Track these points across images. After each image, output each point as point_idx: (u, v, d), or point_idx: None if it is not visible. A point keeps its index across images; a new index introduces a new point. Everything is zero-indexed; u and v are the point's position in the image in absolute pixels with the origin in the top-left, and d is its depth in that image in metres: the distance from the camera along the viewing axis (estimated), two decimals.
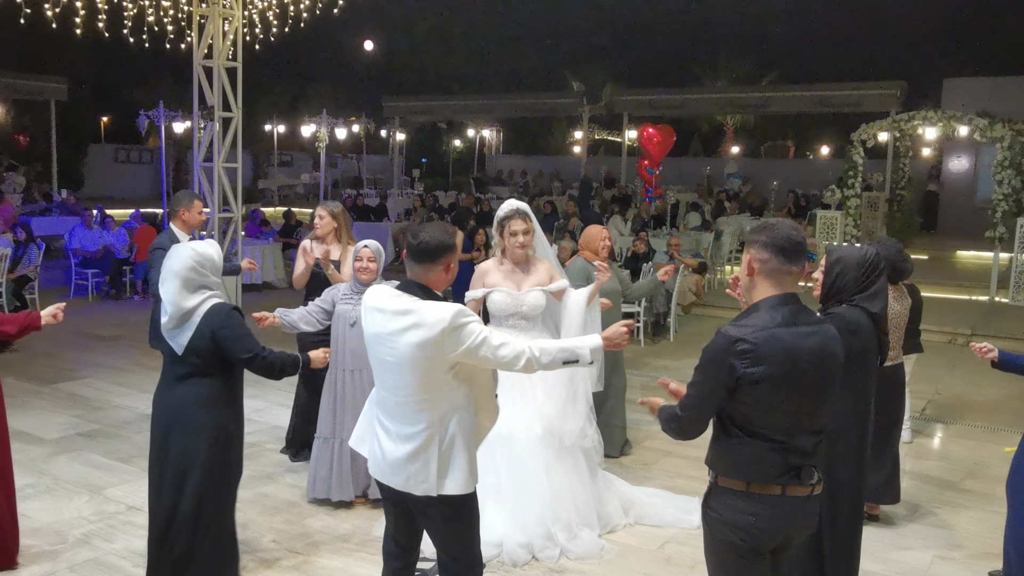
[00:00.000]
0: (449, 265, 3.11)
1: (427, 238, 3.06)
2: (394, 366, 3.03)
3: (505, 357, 3.00)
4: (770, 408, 2.64)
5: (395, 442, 3.08)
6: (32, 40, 19.77)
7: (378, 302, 3.11)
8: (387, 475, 3.11)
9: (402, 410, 3.06)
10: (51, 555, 4.44)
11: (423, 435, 3.04)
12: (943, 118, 13.87)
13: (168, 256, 3.68)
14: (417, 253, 3.06)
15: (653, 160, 17.70)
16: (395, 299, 3.05)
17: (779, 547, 2.78)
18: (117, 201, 21.88)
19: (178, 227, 5.85)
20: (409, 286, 3.07)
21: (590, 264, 5.55)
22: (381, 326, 3.05)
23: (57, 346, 8.96)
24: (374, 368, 3.16)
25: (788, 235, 2.70)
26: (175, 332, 3.66)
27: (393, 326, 3.00)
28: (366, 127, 27.70)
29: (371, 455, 3.22)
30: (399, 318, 3.00)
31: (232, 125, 9.45)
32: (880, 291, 3.63)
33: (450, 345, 2.93)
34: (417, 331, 2.94)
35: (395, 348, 3.00)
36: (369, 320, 3.13)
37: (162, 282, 3.66)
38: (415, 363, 2.97)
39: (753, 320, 2.67)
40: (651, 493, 5.30)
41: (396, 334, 2.99)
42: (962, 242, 17.39)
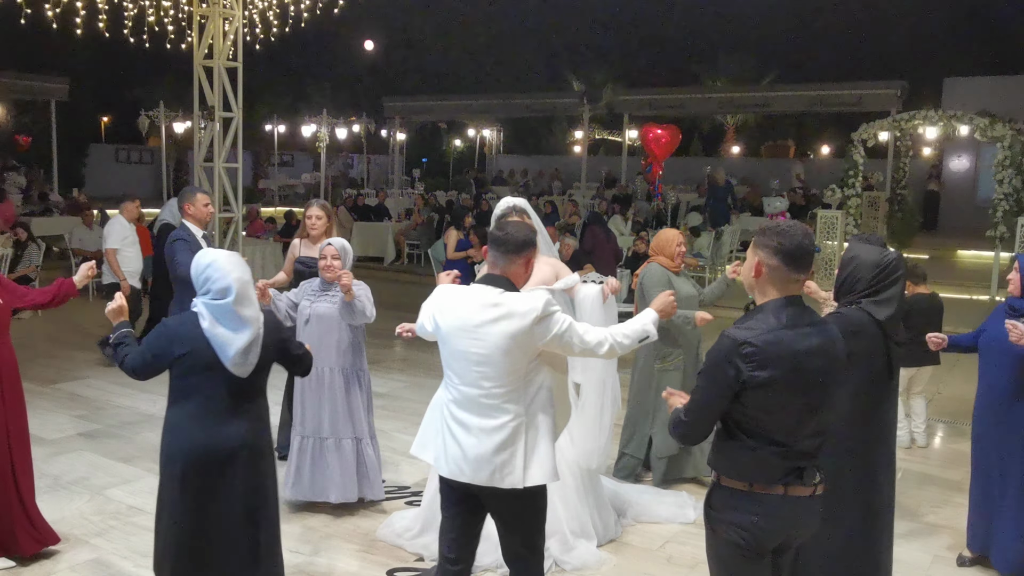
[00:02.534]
0: (530, 260, 3.23)
1: (514, 231, 3.20)
2: (483, 358, 3.08)
3: (590, 343, 3.14)
4: (774, 410, 2.64)
5: (479, 437, 3.11)
6: (32, 40, 19.78)
7: (461, 297, 3.17)
8: (469, 473, 3.12)
9: (487, 403, 3.11)
10: (51, 555, 4.43)
11: (509, 427, 3.11)
12: (943, 118, 13.86)
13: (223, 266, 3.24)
14: (503, 245, 3.16)
15: (658, 160, 17.71)
16: (482, 293, 3.13)
17: (780, 547, 2.78)
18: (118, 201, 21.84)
19: (190, 223, 5.86)
20: (494, 279, 3.17)
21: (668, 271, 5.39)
22: (466, 319, 3.11)
23: (58, 346, 8.97)
24: (454, 365, 3.17)
25: (800, 243, 2.67)
26: (245, 354, 3.22)
27: (481, 317, 3.08)
28: (366, 127, 27.71)
29: (444, 457, 3.20)
30: (489, 310, 3.08)
31: (232, 125, 9.44)
32: (892, 298, 3.42)
33: (540, 333, 3.06)
34: (509, 321, 3.04)
35: (485, 339, 3.06)
36: (451, 315, 3.16)
37: (237, 300, 3.20)
38: (506, 353, 3.05)
39: (757, 323, 2.66)
40: (641, 490, 5.31)
41: (485, 325, 3.06)
42: (962, 241, 17.39)
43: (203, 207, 5.86)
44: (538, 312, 3.04)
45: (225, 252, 3.36)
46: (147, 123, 23.07)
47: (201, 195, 5.91)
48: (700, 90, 25.88)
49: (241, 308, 3.22)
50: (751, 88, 25.13)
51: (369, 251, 16.24)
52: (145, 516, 4.93)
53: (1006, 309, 4.37)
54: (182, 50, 10.42)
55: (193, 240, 5.75)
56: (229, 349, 3.19)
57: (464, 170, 31.99)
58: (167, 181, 22.70)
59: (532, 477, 3.13)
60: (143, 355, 3.29)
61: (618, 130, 26.29)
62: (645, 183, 22.69)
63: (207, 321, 3.20)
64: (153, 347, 3.28)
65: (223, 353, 3.20)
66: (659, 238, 5.58)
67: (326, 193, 24.22)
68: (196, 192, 5.91)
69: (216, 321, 3.21)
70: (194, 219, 5.84)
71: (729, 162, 28.16)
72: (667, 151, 17.46)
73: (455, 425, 3.17)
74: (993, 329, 4.36)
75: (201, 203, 5.85)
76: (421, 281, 13.75)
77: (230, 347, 3.19)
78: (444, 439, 3.21)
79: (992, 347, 4.35)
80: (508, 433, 3.10)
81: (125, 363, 3.34)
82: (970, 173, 21.58)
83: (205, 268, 3.27)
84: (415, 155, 33.33)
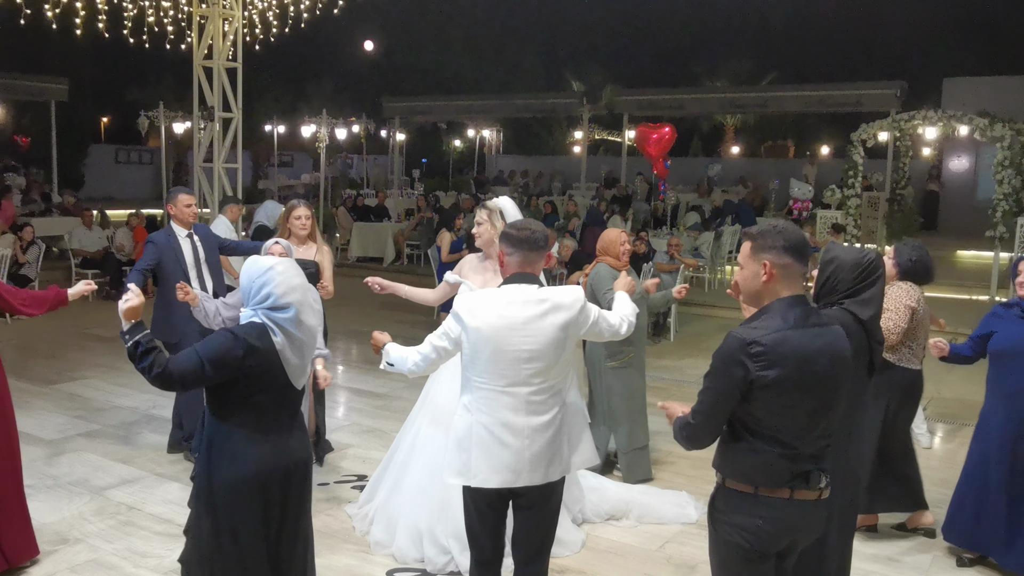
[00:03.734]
0: (550, 256, 3.35)
1: (537, 228, 3.29)
2: (535, 354, 3.10)
3: (615, 325, 3.36)
4: (781, 411, 2.62)
5: (531, 437, 3.12)
6: (32, 40, 19.78)
7: (493, 299, 3.18)
8: (524, 476, 3.12)
9: (538, 399, 3.14)
10: (51, 555, 4.43)
11: (557, 419, 3.17)
12: (943, 118, 13.86)
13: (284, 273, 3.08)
14: (533, 243, 3.23)
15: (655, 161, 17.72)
16: (522, 291, 3.17)
17: (785, 551, 2.77)
18: (118, 202, 21.88)
19: (175, 223, 5.89)
20: (525, 277, 3.22)
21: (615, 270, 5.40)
22: (512, 318, 3.11)
23: (57, 346, 8.96)
24: (498, 368, 3.10)
25: (801, 237, 2.72)
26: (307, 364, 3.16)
27: (529, 313, 3.11)
28: (366, 127, 27.70)
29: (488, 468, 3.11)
30: (536, 305, 3.13)
31: (232, 125, 9.45)
32: (874, 298, 3.40)
33: (583, 321, 3.20)
34: (559, 313, 3.13)
35: (536, 335, 3.10)
36: (493, 317, 3.12)
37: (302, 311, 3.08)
38: (558, 345, 3.13)
39: (765, 322, 2.64)
40: (644, 491, 5.31)
41: (535, 320, 3.11)
42: (962, 242, 17.39)
43: (184, 208, 5.85)
44: (581, 302, 3.18)
45: (283, 259, 3.15)
46: (147, 124, 23.02)
47: (183, 196, 5.90)
48: (700, 90, 25.88)
49: (305, 318, 3.10)
50: (751, 88, 25.12)
51: (369, 252, 16.23)
52: (146, 516, 4.93)
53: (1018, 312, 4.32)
54: (182, 51, 10.43)
55: (166, 243, 5.78)
56: (297, 364, 3.08)
57: (464, 171, 31.99)
58: (167, 182, 22.66)
59: (576, 463, 3.25)
60: (199, 365, 2.92)
61: (618, 130, 26.28)
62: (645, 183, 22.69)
63: (280, 337, 3.02)
64: (217, 358, 2.93)
65: (294, 369, 3.07)
66: (604, 239, 5.62)
67: (325, 193, 24.23)
68: (178, 193, 5.92)
69: (292, 334, 3.04)
70: (178, 220, 5.87)
71: (729, 162, 28.17)
72: (663, 150, 17.45)
73: (502, 431, 3.12)
74: (1008, 332, 4.30)
75: (182, 204, 5.85)
76: (421, 282, 13.72)
77: (296, 362, 3.07)
78: (486, 451, 3.12)
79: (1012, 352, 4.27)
80: (557, 426, 3.17)
81: (167, 370, 2.93)
82: (970, 173, 21.58)
83: (262, 274, 3.06)
84: (415, 156, 33.32)
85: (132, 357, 2.97)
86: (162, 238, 5.83)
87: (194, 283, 5.74)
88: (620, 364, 5.53)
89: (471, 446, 3.15)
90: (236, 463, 3.02)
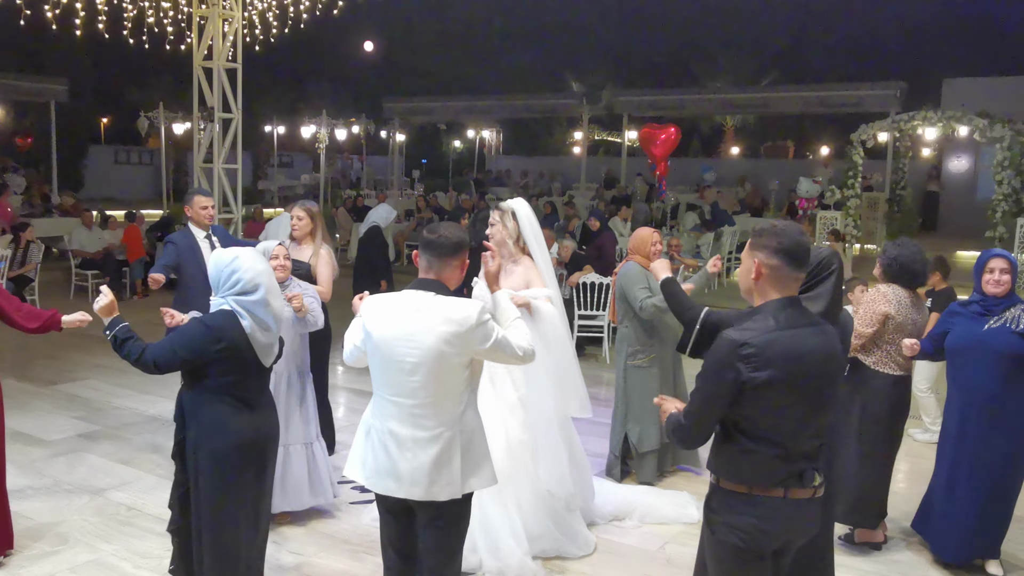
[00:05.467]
0: (465, 262, 3.14)
1: (446, 233, 3.10)
2: (415, 367, 2.98)
3: (525, 347, 3.12)
4: (774, 412, 2.63)
5: (413, 450, 3.01)
6: (32, 41, 19.80)
7: (391, 304, 3.07)
8: (405, 487, 3.03)
9: (421, 413, 3.02)
10: (51, 556, 4.44)
11: (445, 436, 3.02)
12: (943, 118, 13.86)
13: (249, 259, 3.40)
14: (437, 248, 3.08)
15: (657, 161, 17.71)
16: (413, 299, 3.04)
17: (780, 549, 2.77)
18: (117, 202, 21.88)
19: (193, 225, 5.85)
20: (425, 284, 3.08)
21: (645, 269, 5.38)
22: (400, 327, 3.00)
23: (57, 347, 8.96)
24: (386, 376, 3.06)
25: (798, 241, 2.67)
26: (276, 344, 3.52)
27: (417, 324, 2.98)
28: (366, 128, 27.72)
29: (377, 474, 3.09)
30: (425, 315, 2.98)
31: (232, 126, 9.45)
32: (824, 294, 3.26)
33: (478, 340, 2.98)
34: (446, 327, 2.95)
35: (419, 347, 2.96)
36: (383, 324, 3.04)
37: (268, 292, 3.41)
38: (440, 359, 2.96)
39: (756, 324, 2.64)
40: (645, 491, 5.33)
41: (422, 331, 2.96)
42: (962, 242, 17.38)
43: (200, 210, 5.80)
44: (473, 321, 2.96)
45: (246, 248, 3.46)
46: (146, 124, 23.04)
47: (199, 197, 5.85)
48: (700, 91, 25.91)
49: (272, 300, 3.40)
50: (750, 89, 25.16)
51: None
52: (147, 517, 4.93)
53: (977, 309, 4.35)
54: (181, 51, 10.43)
55: (185, 244, 5.73)
56: (266, 344, 3.40)
57: (464, 171, 32.00)
58: (166, 182, 22.69)
59: (471, 484, 3.07)
60: (172, 352, 3.33)
61: (617, 131, 26.30)
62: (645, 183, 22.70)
63: (248, 320, 3.34)
64: (188, 345, 3.32)
65: (263, 349, 3.40)
66: (635, 237, 5.64)
67: (325, 194, 24.24)
68: (195, 195, 5.89)
69: (258, 316, 3.35)
70: (194, 221, 5.84)
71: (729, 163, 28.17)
72: (667, 151, 17.44)
73: (388, 439, 3.06)
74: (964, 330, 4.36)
75: (198, 206, 5.80)
76: None
77: (266, 342, 3.40)
78: (375, 455, 3.09)
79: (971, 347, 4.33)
80: (444, 443, 3.01)
81: (145, 356, 3.35)
82: (969, 174, 21.59)
83: (229, 263, 3.36)
84: (415, 156, 33.34)
85: (114, 348, 3.41)
86: (181, 239, 5.77)
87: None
88: (640, 364, 5.51)
89: (367, 447, 3.14)
90: (225, 433, 3.38)
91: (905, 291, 4.57)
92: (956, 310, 4.48)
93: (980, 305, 4.37)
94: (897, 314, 4.50)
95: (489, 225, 4.62)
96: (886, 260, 4.65)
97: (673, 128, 17.12)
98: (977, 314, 4.35)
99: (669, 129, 17.10)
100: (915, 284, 4.63)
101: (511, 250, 4.60)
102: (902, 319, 4.50)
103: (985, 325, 4.31)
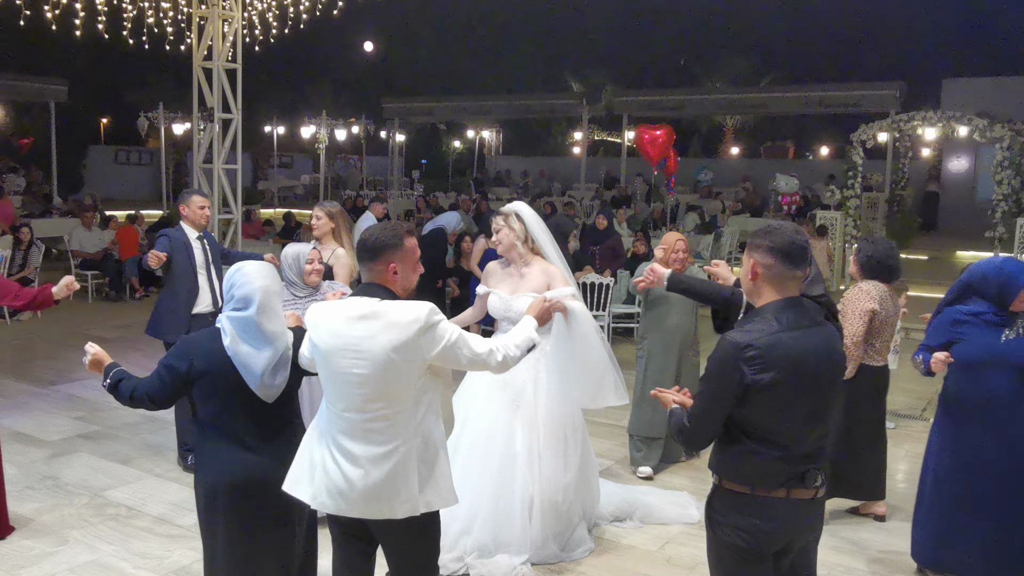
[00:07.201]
0: (391, 264, 2.87)
1: (366, 236, 2.91)
2: (364, 379, 2.76)
3: (481, 353, 2.88)
4: (777, 413, 2.63)
5: (366, 467, 2.78)
6: (32, 41, 19.80)
7: (334, 312, 2.85)
8: (357, 507, 2.82)
9: (373, 427, 2.79)
10: (51, 556, 4.43)
11: (400, 451, 2.79)
12: (943, 118, 13.87)
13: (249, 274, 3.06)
14: (359, 251, 2.92)
15: (653, 161, 17.74)
16: (355, 305, 2.82)
17: (782, 550, 2.77)
18: (117, 203, 21.88)
19: (186, 224, 5.84)
20: (369, 289, 2.87)
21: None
22: (343, 336, 2.78)
23: (57, 348, 8.96)
24: (334, 389, 2.85)
25: (792, 239, 2.67)
26: (273, 374, 3.00)
27: (359, 332, 2.76)
28: (366, 128, 27.73)
29: (326, 492, 2.85)
30: (365, 323, 2.76)
31: (232, 126, 9.44)
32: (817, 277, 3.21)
33: (427, 345, 2.76)
34: (390, 333, 2.73)
35: (366, 357, 2.74)
36: (326, 333, 2.83)
37: (259, 311, 2.99)
38: (390, 368, 2.74)
39: (758, 325, 2.64)
40: (645, 492, 5.33)
41: (366, 339, 2.74)
42: (962, 242, 17.39)
43: (197, 210, 5.79)
44: (421, 323, 2.74)
45: (254, 261, 3.16)
46: (146, 125, 23.09)
47: (196, 197, 5.84)
48: (699, 91, 25.91)
49: (264, 321, 2.99)
50: (750, 89, 25.16)
51: None
52: (146, 517, 4.93)
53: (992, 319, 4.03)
54: (181, 52, 10.43)
55: (178, 239, 5.71)
56: (254, 368, 2.96)
57: (463, 171, 32.02)
58: (166, 183, 22.70)
59: (432, 502, 2.85)
60: (157, 378, 3.06)
61: (617, 131, 26.31)
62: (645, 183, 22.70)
63: (229, 337, 2.98)
64: (164, 363, 3.06)
65: (247, 373, 2.97)
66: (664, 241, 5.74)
67: (325, 194, 24.24)
68: (192, 195, 5.88)
69: (238, 337, 2.98)
70: (189, 221, 5.83)
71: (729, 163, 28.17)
72: (662, 151, 17.47)
73: (339, 455, 2.83)
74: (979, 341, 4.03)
75: (196, 205, 5.79)
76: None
77: (254, 366, 2.96)
78: (325, 472, 2.85)
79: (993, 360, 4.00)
80: (399, 459, 2.79)
81: (137, 392, 3.09)
82: (969, 174, 21.60)
83: (231, 276, 3.06)
84: (415, 156, 33.34)
85: (112, 394, 3.18)
86: (175, 233, 5.76)
87: (203, 284, 5.71)
88: (639, 352, 5.80)
89: (315, 463, 2.90)
90: (205, 468, 3.08)
91: (885, 286, 4.75)
92: (962, 319, 4.11)
93: (996, 315, 4.04)
94: (882, 309, 4.66)
95: (495, 232, 4.50)
96: (863, 257, 4.80)
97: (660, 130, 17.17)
98: (992, 324, 4.03)
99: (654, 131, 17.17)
100: (891, 278, 4.79)
101: (521, 252, 4.45)
102: (886, 314, 4.67)
103: (1002, 336, 4.00)
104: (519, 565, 4.25)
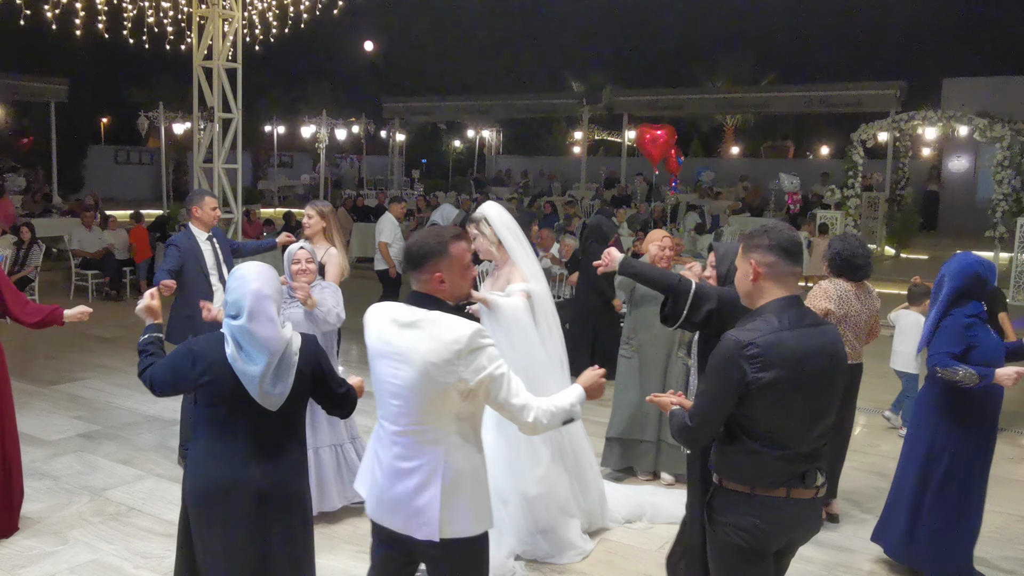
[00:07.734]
0: (436, 274, 2.73)
1: (411, 243, 2.81)
2: (399, 389, 2.70)
3: (515, 405, 2.69)
4: (778, 412, 2.63)
5: (392, 479, 2.75)
6: (32, 41, 19.79)
7: (385, 315, 2.80)
8: (386, 515, 2.79)
9: (403, 441, 2.73)
10: (51, 556, 4.44)
11: (425, 469, 2.69)
12: (943, 118, 13.88)
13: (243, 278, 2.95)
14: (405, 260, 2.82)
15: (655, 161, 17.75)
16: (404, 311, 2.74)
17: (782, 549, 2.78)
18: (117, 202, 21.89)
19: (196, 226, 5.86)
20: (418, 298, 2.76)
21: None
22: (388, 343, 2.73)
23: (57, 347, 8.96)
24: (377, 394, 2.83)
25: (790, 236, 2.71)
26: (273, 381, 2.89)
27: (402, 341, 2.69)
28: (366, 128, 27.72)
29: (367, 495, 2.89)
30: (410, 331, 2.69)
31: (232, 126, 9.45)
32: None
33: (464, 369, 2.62)
34: (430, 345, 2.63)
35: (404, 367, 2.68)
36: (374, 336, 2.79)
37: (249, 317, 2.87)
38: (426, 382, 2.64)
39: (759, 324, 2.65)
40: (651, 492, 5.36)
41: (407, 350, 2.67)
42: (962, 242, 17.34)
43: (210, 211, 5.88)
44: (462, 345, 2.60)
45: (255, 263, 3.03)
46: (146, 124, 23.08)
47: (210, 199, 5.92)
48: (699, 91, 25.90)
49: (257, 327, 2.86)
50: (750, 89, 25.15)
51: (368, 252, 16.17)
52: (146, 517, 4.93)
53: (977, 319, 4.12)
54: (181, 51, 10.43)
55: (187, 246, 5.75)
56: (251, 376, 2.85)
57: (464, 171, 32.01)
58: (166, 182, 22.70)
59: (450, 530, 2.68)
60: (166, 372, 3.04)
61: (617, 131, 26.29)
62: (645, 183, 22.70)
63: (231, 346, 2.90)
64: (171, 364, 3.03)
65: (247, 381, 2.86)
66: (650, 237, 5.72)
67: (325, 194, 24.23)
68: (204, 195, 5.92)
69: (237, 343, 2.89)
70: (200, 222, 5.86)
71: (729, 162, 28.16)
72: (663, 151, 17.47)
73: (375, 462, 2.83)
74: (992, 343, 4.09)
75: (208, 207, 5.87)
76: None
77: (252, 374, 2.85)
78: (372, 474, 2.86)
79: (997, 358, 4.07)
80: (423, 477, 2.69)
81: (146, 374, 3.09)
82: (969, 173, 21.60)
83: (228, 280, 2.99)
84: (415, 156, 33.34)
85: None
86: (183, 240, 5.81)
87: (215, 284, 5.77)
88: (624, 354, 5.67)
89: (369, 464, 2.93)
90: (194, 472, 2.98)
91: (849, 284, 4.78)
92: (970, 321, 4.11)
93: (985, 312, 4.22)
94: (838, 309, 4.71)
95: (472, 240, 4.52)
96: (830, 254, 4.86)
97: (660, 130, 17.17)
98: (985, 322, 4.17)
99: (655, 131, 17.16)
100: (858, 277, 4.81)
101: (497, 255, 4.59)
102: (843, 313, 4.72)
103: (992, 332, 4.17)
104: (504, 559, 4.28)
